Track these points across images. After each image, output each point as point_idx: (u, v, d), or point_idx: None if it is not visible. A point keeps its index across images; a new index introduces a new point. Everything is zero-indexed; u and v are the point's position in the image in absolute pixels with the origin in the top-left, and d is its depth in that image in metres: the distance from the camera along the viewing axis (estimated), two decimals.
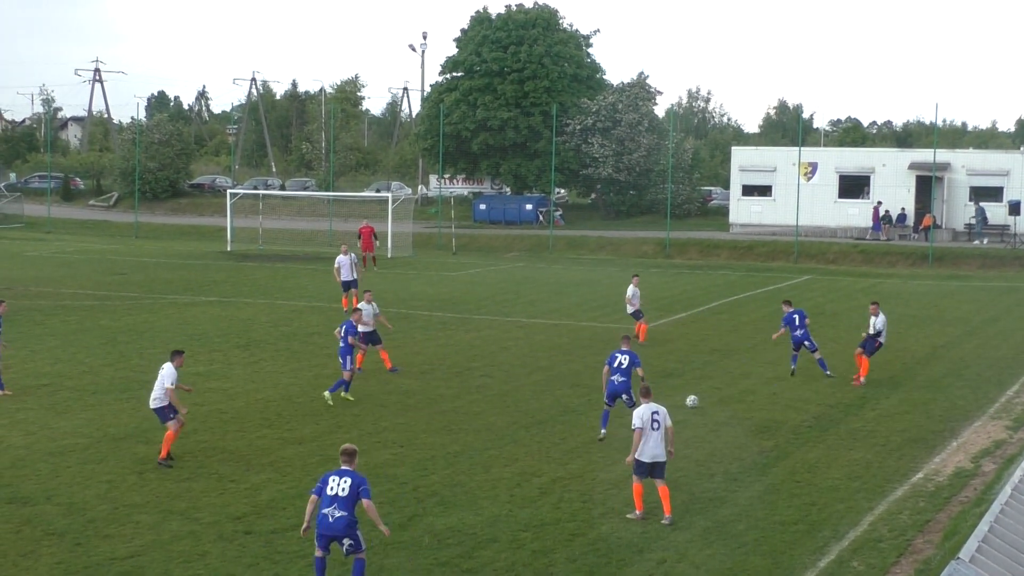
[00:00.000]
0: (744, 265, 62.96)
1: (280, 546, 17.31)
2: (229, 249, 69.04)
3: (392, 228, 67.52)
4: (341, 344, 27.32)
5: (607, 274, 55.70)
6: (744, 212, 75.34)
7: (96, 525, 18.15)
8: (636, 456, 18.72)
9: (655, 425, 18.70)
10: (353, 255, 43.32)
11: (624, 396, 23.74)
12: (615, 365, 23.97)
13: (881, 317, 30.16)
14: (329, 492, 15.25)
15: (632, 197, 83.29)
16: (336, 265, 42.50)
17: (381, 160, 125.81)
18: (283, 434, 23.98)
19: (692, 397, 26.94)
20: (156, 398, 21.66)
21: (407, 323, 39.19)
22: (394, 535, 17.80)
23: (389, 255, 65.38)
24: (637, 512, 18.67)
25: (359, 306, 31.02)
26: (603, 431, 23.92)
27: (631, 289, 36.27)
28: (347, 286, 42.11)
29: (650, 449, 18.66)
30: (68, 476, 20.81)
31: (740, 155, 78.35)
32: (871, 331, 30.15)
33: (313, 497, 15.49)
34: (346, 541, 15.31)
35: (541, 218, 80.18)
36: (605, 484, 20.65)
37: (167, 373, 21.62)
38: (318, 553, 15.47)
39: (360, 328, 28.74)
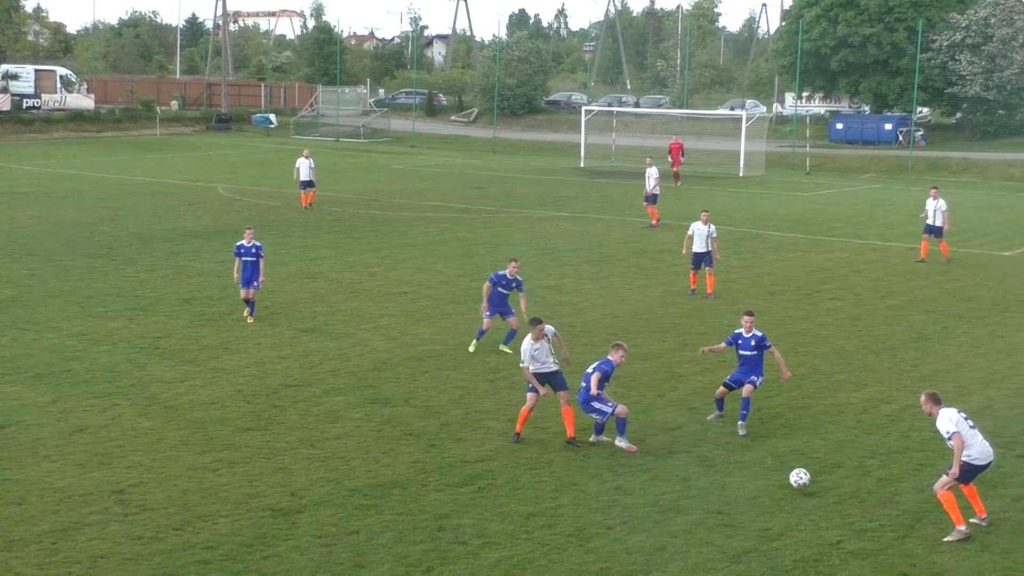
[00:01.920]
0: None
1: (624, 459, 17.60)
2: (582, 165, 69.99)
3: (745, 147, 66.65)
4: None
5: (970, 197, 53.24)
6: None
7: (450, 428, 19.00)
8: (968, 460, 14.97)
9: (971, 423, 15.28)
10: (656, 169, 43.97)
11: None
12: None
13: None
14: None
15: (1001, 117, 79.03)
16: (646, 177, 43.60)
17: (736, 78, 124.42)
18: (630, 349, 24.05)
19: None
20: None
21: (757, 243, 38.79)
22: (736, 455, 17.87)
23: (740, 174, 64.75)
24: (962, 528, 14.91)
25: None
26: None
27: (930, 202, 36.21)
28: (650, 199, 43.09)
29: (981, 448, 15.12)
30: (425, 380, 21.83)
31: None
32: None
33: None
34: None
35: (901, 138, 77.30)
36: None
37: (523, 348, 18.78)
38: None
39: (695, 249, 29.22)
